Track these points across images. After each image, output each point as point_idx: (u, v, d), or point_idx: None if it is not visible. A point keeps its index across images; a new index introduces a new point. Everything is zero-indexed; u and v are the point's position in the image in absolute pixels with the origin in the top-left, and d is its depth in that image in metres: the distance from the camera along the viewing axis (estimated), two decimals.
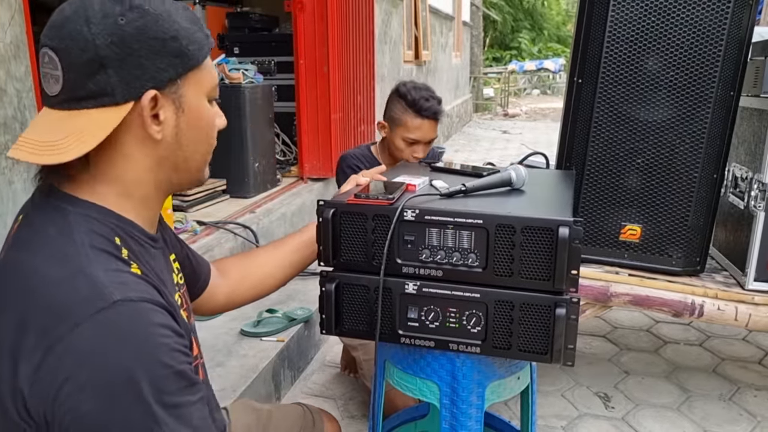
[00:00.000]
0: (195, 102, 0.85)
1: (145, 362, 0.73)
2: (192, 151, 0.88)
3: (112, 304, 0.73)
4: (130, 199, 0.85)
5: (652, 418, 2.14)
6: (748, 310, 1.82)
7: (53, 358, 0.71)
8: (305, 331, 2.47)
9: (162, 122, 0.82)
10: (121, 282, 0.76)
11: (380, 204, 1.28)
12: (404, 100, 2.14)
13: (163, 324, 0.76)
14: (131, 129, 0.81)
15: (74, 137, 0.77)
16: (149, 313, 0.76)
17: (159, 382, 0.73)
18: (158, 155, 0.85)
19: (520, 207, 1.34)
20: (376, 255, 1.30)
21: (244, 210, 3.34)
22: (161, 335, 0.75)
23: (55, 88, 0.78)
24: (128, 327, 0.73)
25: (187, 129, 0.85)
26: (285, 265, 1.38)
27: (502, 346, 1.29)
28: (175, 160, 0.87)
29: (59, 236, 0.78)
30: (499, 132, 10.92)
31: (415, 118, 2.12)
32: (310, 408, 1.40)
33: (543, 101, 17.32)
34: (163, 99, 0.81)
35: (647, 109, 1.82)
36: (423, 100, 2.12)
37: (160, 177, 0.87)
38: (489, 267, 1.25)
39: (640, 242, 1.90)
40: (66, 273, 0.75)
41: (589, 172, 1.89)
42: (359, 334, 1.37)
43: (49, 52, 0.78)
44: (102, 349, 0.71)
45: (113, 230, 0.82)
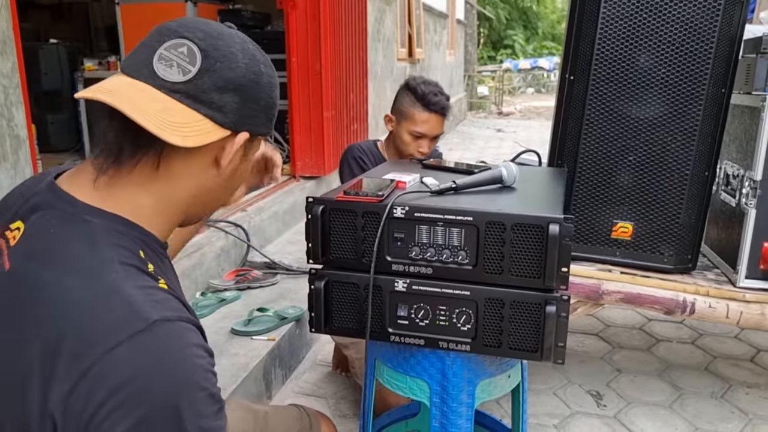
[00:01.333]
0: (251, 157, 0.93)
1: (184, 386, 0.71)
2: (227, 194, 0.94)
3: (150, 325, 0.71)
4: (160, 217, 0.85)
5: (644, 417, 2.14)
6: (739, 307, 1.81)
7: (87, 382, 0.68)
8: (296, 330, 2.46)
9: (231, 161, 0.87)
10: (156, 300, 0.75)
11: (370, 201, 1.27)
12: (413, 93, 2.14)
13: (197, 344, 0.75)
14: (208, 154, 0.84)
15: (183, 129, 0.78)
16: (186, 333, 0.74)
17: (197, 405, 0.72)
18: (207, 186, 0.87)
19: (510, 204, 1.33)
20: (366, 252, 1.29)
21: (236, 208, 3.33)
22: (197, 356, 0.74)
23: (177, 77, 0.80)
24: (167, 349, 0.71)
25: (238, 174, 0.91)
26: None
27: (492, 344, 1.28)
28: (213, 195, 0.90)
29: (86, 252, 0.76)
30: (494, 130, 10.93)
31: (423, 112, 2.12)
32: (307, 410, 1.38)
33: (537, 99, 17.35)
34: (244, 144, 0.86)
35: (639, 106, 1.81)
36: (432, 94, 2.12)
37: (193, 207, 0.89)
38: (479, 264, 1.24)
39: (632, 240, 1.89)
40: (98, 292, 0.73)
41: (580, 169, 1.89)
42: (349, 333, 1.36)
43: (193, 47, 0.81)
44: (141, 372, 0.69)
45: (137, 243, 0.80)
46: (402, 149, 2.17)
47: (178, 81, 0.79)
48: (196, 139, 0.79)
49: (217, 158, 0.85)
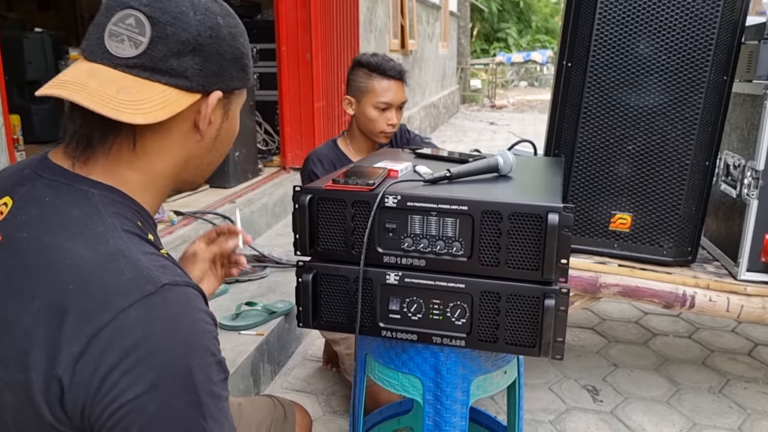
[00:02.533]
0: (235, 113, 0.89)
1: (196, 349, 0.70)
2: (218, 156, 0.90)
3: (160, 287, 0.70)
4: (148, 190, 0.83)
5: (641, 412, 2.10)
6: (740, 301, 1.77)
7: (98, 345, 0.66)
8: (286, 325, 2.40)
9: (211, 123, 0.84)
10: (162, 265, 0.73)
11: (360, 190, 1.21)
12: (367, 67, 2.06)
13: (205, 310, 0.74)
14: (184, 121, 0.81)
15: (143, 105, 0.75)
16: (194, 298, 0.74)
17: (208, 370, 0.71)
18: (192, 153, 0.85)
19: (507, 193, 1.27)
20: (356, 244, 1.23)
21: (224, 200, 3.26)
22: (206, 322, 0.73)
23: (130, 51, 0.76)
24: (178, 312, 0.70)
25: (224, 135, 0.88)
26: None
27: (488, 339, 1.23)
28: (202, 160, 0.87)
29: (87, 217, 0.74)
30: (486, 123, 10.88)
31: (383, 80, 2.04)
32: (281, 400, 1.34)
33: (530, 93, 17.31)
34: (220, 102, 0.83)
35: (638, 94, 1.76)
36: (385, 61, 2.05)
37: (182, 174, 0.86)
38: (474, 256, 1.19)
39: (630, 232, 1.84)
40: (104, 253, 0.71)
41: (578, 159, 1.83)
42: (338, 327, 1.30)
43: (140, 16, 0.77)
44: (153, 334, 0.68)
45: (135, 214, 0.79)
46: (370, 129, 2.07)
47: (132, 56, 0.76)
48: (160, 113, 0.75)
49: (195, 123, 0.82)
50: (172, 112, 0.76)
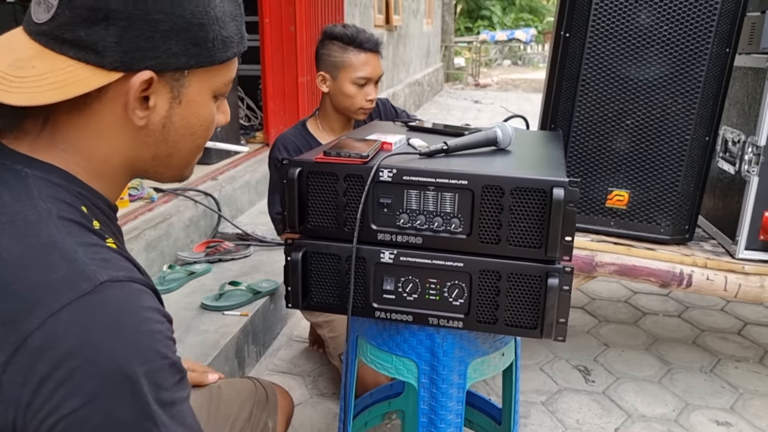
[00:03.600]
0: (197, 97, 0.74)
1: (141, 353, 0.62)
2: (179, 147, 0.77)
3: (98, 285, 0.61)
4: (97, 175, 0.73)
5: (633, 392, 2.07)
6: (738, 280, 1.73)
7: (26, 354, 0.58)
8: (271, 305, 2.33)
9: (150, 108, 0.71)
10: (103, 258, 0.64)
11: (353, 163, 1.14)
12: (340, 40, 1.93)
13: (154, 308, 0.66)
14: (113, 103, 0.69)
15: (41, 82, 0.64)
16: (140, 295, 0.65)
17: (156, 375, 0.62)
18: (138, 141, 0.73)
19: (508, 167, 1.21)
20: (348, 220, 1.16)
21: (206, 176, 3.16)
22: (155, 321, 0.64)
23: (43, 16, 0.66)
24: (120, 312, 0.62)
25: (179, 123, 0.74)
26: None
27: (487, 320, 1.17)
28: (157, 151, 0.75)
29: (17, 203, 0.65)
30: (471, 102, 10.79)
31: (360, 53, 1.93)
32: (262, 382, 1.29)
33: (514, 72, 17.23)
34: (160, 84, 0.70)
35: (638, 67, 1.70)
36: (360, 33, 1.93)
37: (134, 164, 0.76)
38: (474, 233, 1.13)
39: (628, 209, 1.79)
40: (35, 249, 0.62)
41: (575, 134, 1.77)
42: (329, 308, 1.24)
43: None
44: (91, 339, 0.59)
45: (79, 198, 0.70)
46: (348, 105, 1.96)
47: (43, 21, 0.66)
48: (52, 94, 0.64)
49: (126, 109, 0.69)
50: (68, 95, 0.64)
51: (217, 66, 0.74)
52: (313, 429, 1.85)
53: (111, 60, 0.65)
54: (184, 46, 0.69)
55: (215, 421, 1.12)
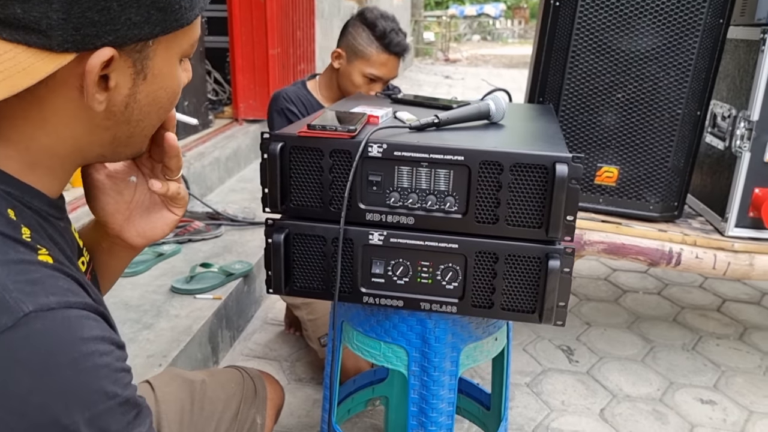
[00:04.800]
0: (165, 68, 0.64)
1: (82, 398, 0.52)
2: (143, 125, 0.67)
3: (22, 318, 0.50)
4: (37, 168, 0.62)
5: (617, 372, 2.04)
6: (727, 258, 1.70)
7: None
8: (245, 287, 2.23)
9: (111, 89, 0.60)
10: (30, 280, 0.53)
11: (339, 137, 1.05)
12: (371, 29, 1.86)
13: (99, 337, 0.55)
14: (64, 87, 0.58)
15: None
16: (78, 323, 0.54)
17: (103, 420, 0.53)
18: (93, 125, 0.62)
19: (506, 142, 1.13)
20: (335, 199, 1.08)
21: None
22: (99, 353, 0.54)
23: None
24: (51, 350, 0.51)
25: (145, 101, 0.64)
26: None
27: (482, 304, 1.10)
28: (116, 133, 0.65)
29: None
30: (442, 77, 10.70)
31: (382, 53, 1.87)
32: (249, 372, 1.19)
33: (483, 47, 17.16)
34: (121, 60, 0.59)
35: (630, 38, 1.63)
36: (393, 32, 1.86)
37: (88, 150, 0.65)
38: (470, 212, 1.05)
39: (617, 186, 1.74)
40: None
41: (564, 107, 1.70)
42: (314, 294, 1.15)
43: None
44: (15, 388, 0.49)
45: (4, 199, 0.58)
46: (349, 91, 1.91)
47: None
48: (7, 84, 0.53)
49: (82, 93, 0.58)
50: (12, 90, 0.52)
51: (184, 28, 0.64)
52: (293, 417, 1.78)
53: (60, 40, 0.54)
54: (147, 12, 0.58)
55: (198, 421, 1.03)
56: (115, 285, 0.94)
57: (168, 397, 1.05)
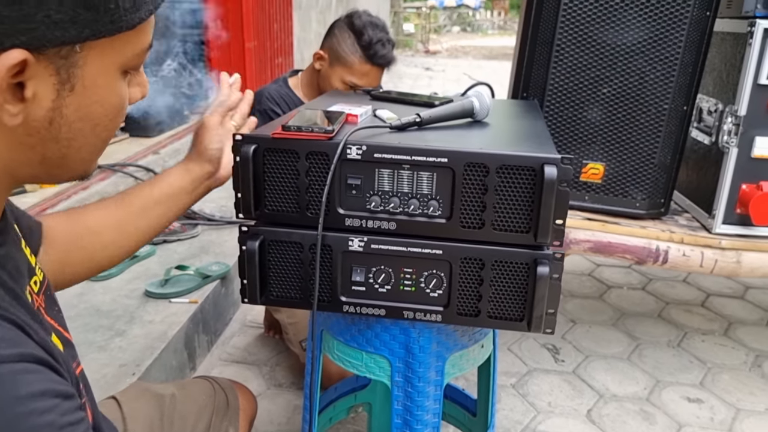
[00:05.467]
0: (99, 79, 0.55)
1: None
2: (76, 146, 0.57)
3: None
4: None
5: (603, 371, 2.01)
6: (714, 255, 1.67)
7: None
8: (222, 289, 2.17)
9: (28, 100, 0.51)
10: None
11: (316, 138, 0.99)
12: (357, 37, 1.79)
13: (38, 392, 0.48)
14: None
15: None
16: (13, 380, 0.47)
17: None
18: (13, 142, 0.54)
19: (491, 142, 1.08)
20: (312, 204, 1.02)
21: (147, 150, 2.93)
22: (39, 412, 0.47)
23: None
24: None
25: (74, 116, 0.55)
26: (135, 229, 1.00)
27: (468, 312, 1.05)
28: (45, 153, 0.56)
29: None
30: (422, 69, 10.63)
31: (365, 64, 1.80)
32: (221, 383, 1.14)
33: (463, 38, 17.12)
34: (40, 65, 0.50)
35: (616, 31, 1.59)
36: (380, 44, 1.78)
37: (16, 171, 0.56)
38: (454, 217, 1.00)
39: (603, 183, 1.70)
40: None
41: (549, 103, 1.66)
42: (291, 303, 1.10)
43: None
44: None
45: None
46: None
47: None
48: None
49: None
50: None
51: (125, 33, 0.55)
52: (272, 424, 1.73)
53: None
54: (72, 10, 0.50)
55: None
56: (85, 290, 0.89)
57: (136, 413, 1.00)
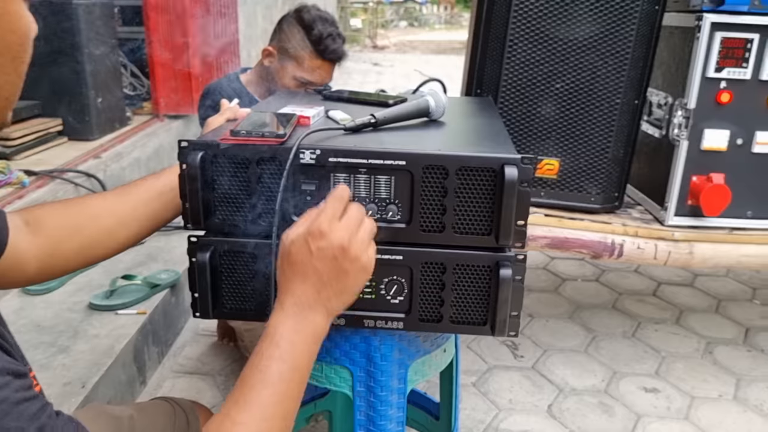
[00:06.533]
0: (9, 5, 0.54)
1: None
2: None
3: None
4: None
5: (562, 365, 2.02)
6: (668, 247, 1.69)
7: None
8: (172, 298, 2.08)
9: None
10: None
11: (267, 143, 0.94)
12: (307, 32, 1.75)
13: None
14: None
15: None
16: None
17: None
18: None
19: (450, 143, 1.05)
20: (265, 212, 0.97)
21: (87, 155, 2.80)
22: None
23: None
24: None
25: None
26: (135, 218, 1.01)
27: (430, 318, 1.02)
28: None
29: None
30: (370, 64, 10.59)
31: (316, 59, 1.76)
32: (180, 403, 1.08)
33: (410, 33, 17.15)
34: None
35: (568, 26, 1.58)
36: (330, 38, 1.74)
37: None
38: (414, 221, 0.97)
39: (558, 178, 1.69)
40: None
41: (503, 99, 1.64)
42: (246, 316, 1.05)
43: None
44: None
45: None
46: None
47: None
48: None
49: None
50: None
51: None
52: None
53: None
54: None
55: None
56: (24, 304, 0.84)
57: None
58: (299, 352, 0.77)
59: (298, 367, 0.76)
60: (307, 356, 0.79)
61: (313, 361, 0.80)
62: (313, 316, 0.79)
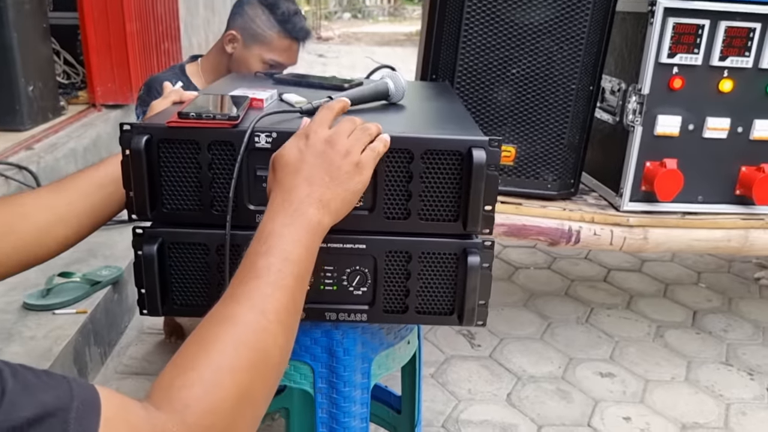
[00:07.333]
0: None
1: None
2: None
3: None
4: None
5: (519, 353, 2.02)
6: (623, 233, 1.69)
7: None
8: (114, 295, 1.97)
9: None
10: None
11: (219, 126, 0.88)
12: (272, 12, 1.68)
13: None
14: None
15: None
16: None
17: None
18: None
19: (413, 125, 1.01)
20: (217, 200, 0.91)
21: (18, 146, 2.64)
22: None
23: None
24: None
25: None
26: (74, 214, 0.94)
27: (395, 309, 0.98)
28: None
29: None
30: (315, 56, 10.46)
31: (285, 38, 1.70)
32: None
33: (355, 25, 17.04)
34: None
35: (523, 10, 1.56)
36: (297, 16, 1.69)
37: None
38: (378, 208, 0.92)
39: (515, 165, 1.67)
40: None
41: (459, 84, 1.61)
42: (198, 312, 0.98)
43: None
44: None
45: None
46: None
47: None
48: None
49: None
50: None
51: None
52: None
53: None
54: None
55: None
56: None
57: None
58: (289, 243, 0.71)
59: (289, 258, 0.70)
60: (301, 248, 0.72)
61: (311, 255, 0.75)
62: (304, 209, 0.74)
